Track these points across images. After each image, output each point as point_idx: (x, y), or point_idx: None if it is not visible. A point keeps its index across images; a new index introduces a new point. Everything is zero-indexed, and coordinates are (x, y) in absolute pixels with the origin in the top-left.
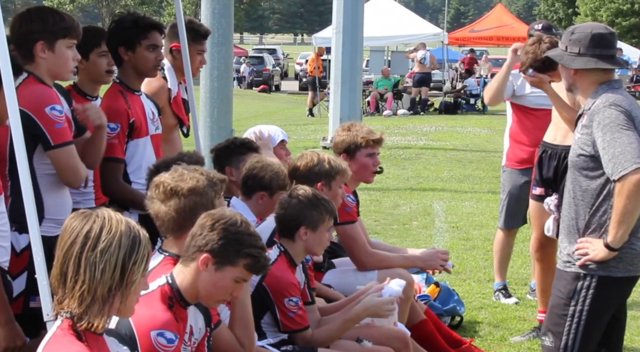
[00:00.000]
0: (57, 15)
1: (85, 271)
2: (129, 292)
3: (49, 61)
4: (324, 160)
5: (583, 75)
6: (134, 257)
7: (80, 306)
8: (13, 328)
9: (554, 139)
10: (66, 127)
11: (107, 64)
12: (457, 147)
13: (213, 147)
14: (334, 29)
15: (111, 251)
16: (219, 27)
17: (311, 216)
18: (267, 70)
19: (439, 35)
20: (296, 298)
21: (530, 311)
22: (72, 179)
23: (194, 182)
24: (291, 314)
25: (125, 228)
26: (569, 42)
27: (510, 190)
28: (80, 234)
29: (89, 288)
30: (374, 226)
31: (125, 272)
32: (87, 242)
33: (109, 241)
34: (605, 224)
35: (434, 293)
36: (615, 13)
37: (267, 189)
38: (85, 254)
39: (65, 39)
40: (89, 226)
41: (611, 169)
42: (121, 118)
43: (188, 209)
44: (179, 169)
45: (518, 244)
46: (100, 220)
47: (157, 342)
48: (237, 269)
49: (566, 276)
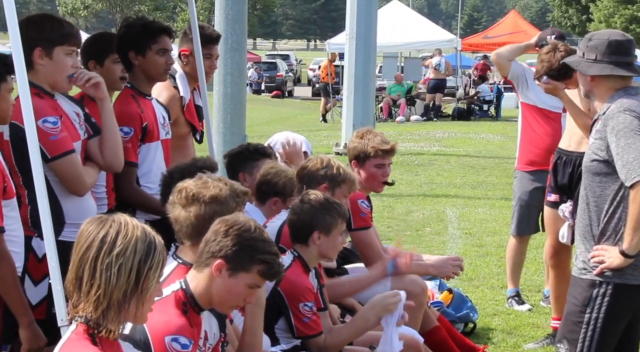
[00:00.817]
0: (55, 22)
1: (101, 275)
2: (145, 298)
3: (47, 68)
4: (333, 166)
5: (600, 81)
6: (149, 262)
7: (96, 311)
8: (35, 329)
9: (568, 146)
10: (64, 138)
11: (121, 71)
12: (470, 154)
13: (226, 153)
14: (347, 35)
15: (127, 255)
16: (233, 33)
17: (324, 220)
18: (280, 76)
19: (452, 41)
20: (311, 303)
21: (543, 317)
22: (76, 188)
23: (217, 191)
24: (306, 320)
25: (141, 234)
26: (586, 48)
27: (520, 196)
28: (96, 238)
29: (105, 292)
30: (387, 232)
31: (141, 277)
32: (103, 247)
33: (124, 246)
34: (620, 231)
35: (447, 300)
36: (630, 19)
37: (281, 195)
38: (101, 259)
39: (63, 46)
40: (105, 230)
41: (625, 175)
42: (134, 122)
43: (208, 217)
44: (204, 177)
45: (531, 251)
46: (116, 225)
47: (172, 348)
48: (250, 275)
49: (582, 283)
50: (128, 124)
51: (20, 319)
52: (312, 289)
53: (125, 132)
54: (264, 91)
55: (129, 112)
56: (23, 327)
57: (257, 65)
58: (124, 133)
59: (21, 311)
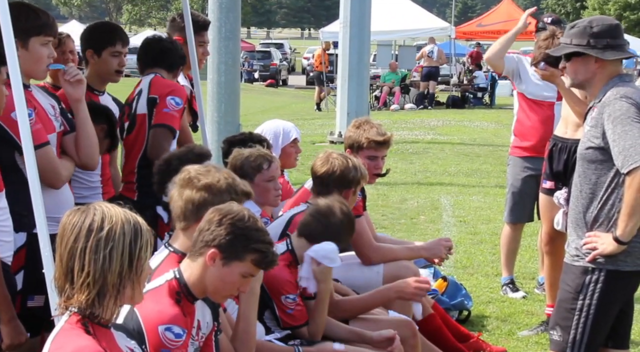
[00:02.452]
0: (31, 13)
1: (92, 262)
2: (140, 278)
3: (23, 59)
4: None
5: (605, 67)
6: (139, 242)
7: (92, 299)
8: (16, 325)
9: (564, 133)
10: (38, 130)
11: (117, 64)
12: (465, 142)
13: (227, 138)
14: (341, 24)
15: (116, 238)
16: (226, 21)
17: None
18: (274, 65)
19: (446, 30)
20: (293, 295)
21: (537, 305)
22: (52, 181)
23: (213, 181)
24: (289, 311)
25: (125, 216)
26: (590, 36)
27: (513, 183)
28: (82, 228)
29: (99, 279)
30: (382, 221)
31: (134, 258)
32: (90, 234)
33: (112, 230)
34: (614, 218)
35: (441, 287)
36: (623, 6)
37: (245, 176)
38: (91, 246)
39: (39, 37)
40: (90, 218)
41: (621, 162)
42: (185, 99)
43: (197, 203)
44: (211, 166)
45: (525, 238)
46: (99, 212)
47: (165, 337)
48: (244, 264)
49: (574, 269)
50: (181, 96)
51: (2, 314)
52: (292, 282)
53: (176, 103)
54: (257, 80)
55: (180, 87)
56: (4, 322)
57: (246, 55)
58: (175, 103)
59: (2, 306)
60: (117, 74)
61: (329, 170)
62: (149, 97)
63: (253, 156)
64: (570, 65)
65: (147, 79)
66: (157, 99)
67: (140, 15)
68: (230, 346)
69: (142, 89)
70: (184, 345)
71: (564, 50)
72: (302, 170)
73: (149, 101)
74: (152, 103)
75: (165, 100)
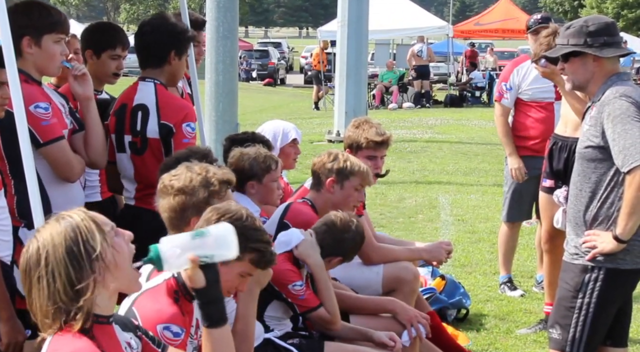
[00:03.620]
0: (43, 10)
1: (42, 289)
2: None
3: (36, 56)
4: (340, 159)
5: (603, 65)
6: (80, 242)
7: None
8: (15, 324)
9: (564, 131)
10: (54, 124)
11: (115, 67)
12: (463, 140)
13: (230, 136)
14: (339, 23)
15: (51, 258)
16: (224, 20)
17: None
18: (272, 64)
19: (444, 28)
20: (300, 282)
21: (536, 303)
22: (67, 174)
23: (185, 182)
24: (301, 297)
25: (56, 230)
26: (587, 35)
27: (512, 182)
28: (28, 262)
29: (53, 298)
30: (380, 219)
31: (80, 259)
32: (31, 266)
33: (46, 252)
34: (613, 216)
35: (439, 286)
36: (621, 5)
37: (253, 177)
38: (35, 281)
39: (52, 34)
40: (28, 253)
41: (621, 161)
42: (195, 118)
43: (178, 208)
44: (182, 167)
45: (524, 237)
46: (37, 239)
47: (164, 336)
48: (242, 263)
49: (573, 268)
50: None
51: (0, 313)
52: (294, 270)
53: (192, 128)
54: (255, 79)
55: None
56: (3, 321)
57: (244, 54)
58: (191, 129)
59: (1, 305)
60: (114, 77)
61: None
62: (161, 123)
63: (262, 157)
64: (569, 66)
65: (149, 95)
66: (173, 129)
67: (138, 14)
68: None
69: (149, 108)
70: (182, 344)
71: (562, 51)
72: (300, 169)
73: (162, 128)
74: (167, 132)
75: (182, 129)
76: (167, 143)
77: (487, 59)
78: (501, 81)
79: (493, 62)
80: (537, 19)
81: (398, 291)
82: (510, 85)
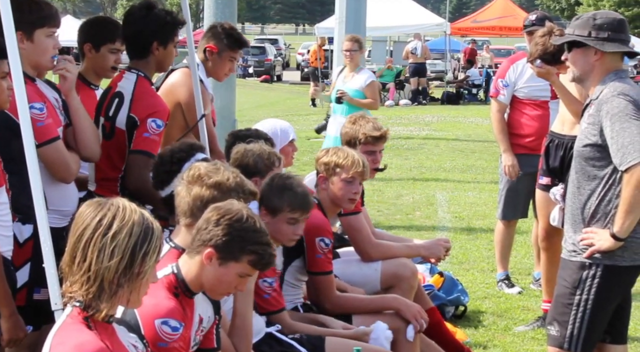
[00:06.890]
0: (34, 5)
1: (93, 256)
2: (139, 282)
3: (29, 51)
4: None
5: (605, 60)
6: (145, 247)
7: (88, 292)
8: (16, 321)
9: (561, 129)
10: (49, 124)
11: (114, 61)
12: (460, 137)
13: (233, 132)
14: (336, 19)
15: (121, 237)
16: (222, 17)
17: (271, 202)
18: (268, 61)
19: (441, 26)
20: (270, 279)
21: (533, 300)
22: (63, 175)
23: (223, 179)
24: (266, 296)
25: (139, 218)
26: (592, 27)
27: (508, 180)
28: (93, 220)
29: (96, 273)
30: (377, 216)
31: (135, 261)
32: (98, 228)
33: (120, 228)
34: (611, 214)
35: (437, 283)
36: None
37: (257, 173)
38: (95, 240)
39: (44, 28)
40: (102, 213)
41: (620, 159)
42: (166, 117)
43: (205, 200)
44: (219, 164)
45: (521, 235)
46: (114, 208)
47: (162, 331)
48: (241, 265)
49: (571, 265)
50: (163, 118)
51: (2, 309)
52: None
53: (158, 126)
54: (251, 75)
55: (165, 106)
56: (4, 318)
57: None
58: (156, 126)
59: (3, 301)
60: (112, 70)
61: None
62: (129, 115)
63: (266, 154)
64: (571, 56)
65: (129, 84)
66: (138, 122)
67: None
68: (228, 340)
69: (125, 97)
70: (182, 338)
71: (565, 40)
72: (297, 166)
73: (129, 120)
74: (132, 124)
75: (146, 123)
76: (131, 136)
77: (484, 57)
78: (498, 78)
79: (490, 59)
80: (532, 20)
81: (396, 287)
82: (506, 82)
